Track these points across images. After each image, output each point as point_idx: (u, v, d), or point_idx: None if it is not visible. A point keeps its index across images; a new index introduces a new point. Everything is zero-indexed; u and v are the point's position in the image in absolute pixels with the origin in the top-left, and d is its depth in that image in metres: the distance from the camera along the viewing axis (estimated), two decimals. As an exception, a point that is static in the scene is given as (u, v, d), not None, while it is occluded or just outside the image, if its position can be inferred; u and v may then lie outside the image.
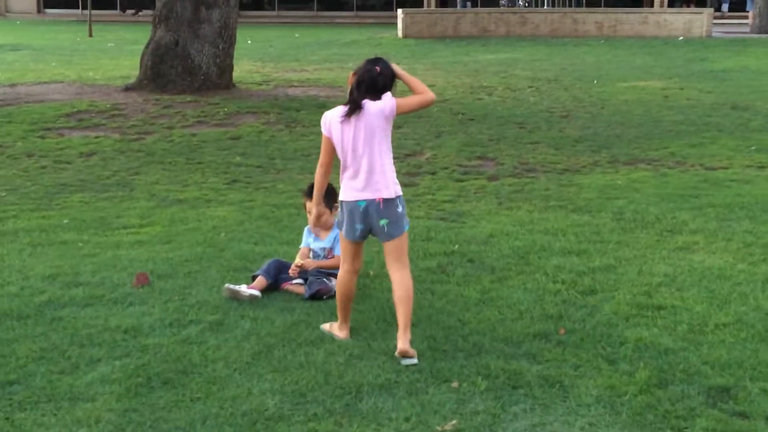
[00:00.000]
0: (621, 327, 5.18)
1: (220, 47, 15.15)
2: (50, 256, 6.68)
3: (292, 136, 11.92)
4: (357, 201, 4.80)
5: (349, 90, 4.84)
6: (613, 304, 5.57)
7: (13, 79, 17.17)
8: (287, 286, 5.88)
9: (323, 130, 4.85)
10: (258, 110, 13.55)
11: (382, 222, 4.79)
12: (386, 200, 4.78)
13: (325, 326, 5.17)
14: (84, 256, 6.66)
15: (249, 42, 25.40)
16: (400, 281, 4.78)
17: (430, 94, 4.82)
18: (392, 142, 4.97)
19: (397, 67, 4.87)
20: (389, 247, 4.83)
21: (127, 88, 15.06)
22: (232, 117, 13.08)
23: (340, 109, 4.82)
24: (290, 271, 5.84)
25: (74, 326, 5.21)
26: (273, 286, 5.85)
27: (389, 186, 4.79)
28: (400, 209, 4.82)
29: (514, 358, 4.75)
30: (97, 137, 11.78)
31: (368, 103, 4.76)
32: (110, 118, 12.94)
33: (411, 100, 4.83)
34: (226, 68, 15.38)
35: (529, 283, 5.98)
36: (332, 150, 4.87)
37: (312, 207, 5.34)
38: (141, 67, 15.23)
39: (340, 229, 4.95)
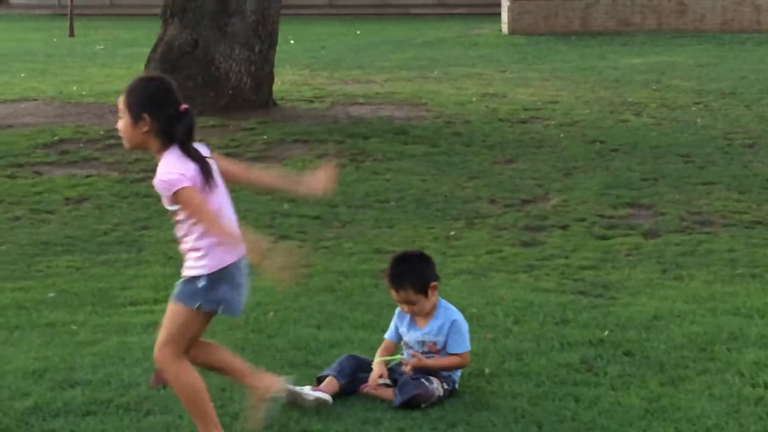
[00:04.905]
0: None
1: (257, 50, 15.38)
2: (34, 344, 6.78)
3: (361, 174, 12.01)
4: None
5: None
6: (844, 418, 5.49)
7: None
8: (368, 388, 5.90)
9: None
10: (310, 138, 13.70)
11: None
12: None
13: None
14: (80, 344, 6.76)
15: (292, 42, 25.78)
16: None
17: None
18: (504, 180, 5.02)
19: None
20: None
21: (127, 108, 15.34)
22: (274, 147, 13.25)
23: None
24: (369, 382, 5.89)
25: (73, 443, 5.29)
26: (348, 389, 5.88)
27: None
28: None
29: (703, 496, 4.70)
30: (88, 177, 12.01)
31: None
32: (105, 149, 13.19)
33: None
34: (264, 79, 15.60)
35: (717, 387, 5.94)
36: None
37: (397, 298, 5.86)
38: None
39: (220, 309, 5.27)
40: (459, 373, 5.97)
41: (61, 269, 8.66)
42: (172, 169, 5.11)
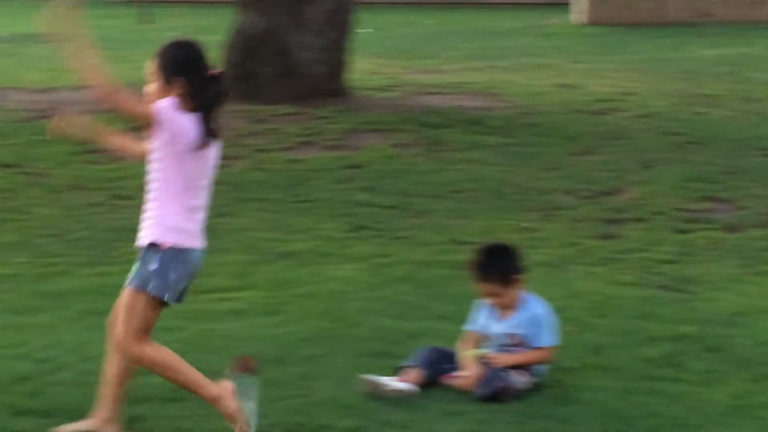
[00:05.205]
0: None
1: (331, 38, 15.37)
2: (117, 330, 6.85)
3: (436, 164, 12.00)
4: None
5: None
6: None
7: (46, 81, 17.78)
8: (450, 379, 5.90)
9: None
10: (385, 127, 13.68)
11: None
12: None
13: None
14: (161, 331, 6.67)
15: (367, 30, 25.76)
16: None
17: None
18: (580, 171, 5.04)
19: None
20: None
21: (203, 95, 15.43)
22: (349, 136, 13.25)
23: None
24: (464, 375, 5.87)
25: (158, 430, 5.31)
26: (431, 380, 5.89)
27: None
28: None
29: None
30: (165, 163, 12.08)
31: None
32: (181, 136, 13.27)
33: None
34: (339, 67, 15.60)
35: (804, 386, 5.92)
36: None
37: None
38: (222, 65, 15.61)
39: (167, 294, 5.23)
40: (545, 366, 5.95)
41: (140, 255, 8.74)
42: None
